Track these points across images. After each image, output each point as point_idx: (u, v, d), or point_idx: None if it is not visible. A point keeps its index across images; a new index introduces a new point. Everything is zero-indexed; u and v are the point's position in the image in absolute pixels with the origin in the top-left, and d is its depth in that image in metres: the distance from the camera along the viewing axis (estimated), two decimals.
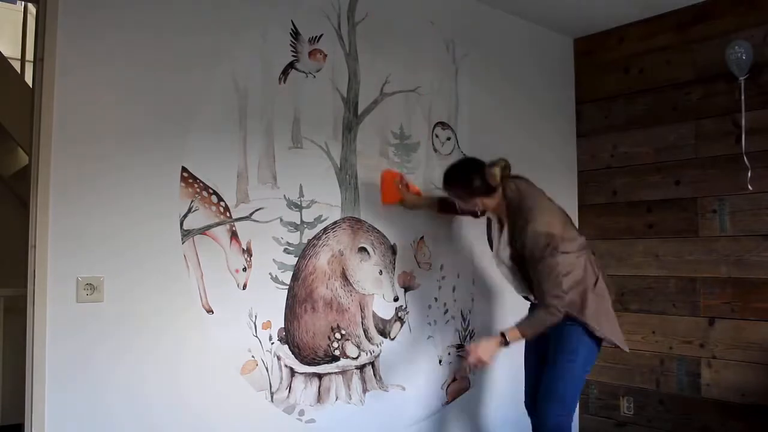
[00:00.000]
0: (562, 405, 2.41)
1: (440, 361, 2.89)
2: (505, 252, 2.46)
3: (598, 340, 2.43)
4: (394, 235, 2.73)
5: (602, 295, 2.44)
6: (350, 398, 2.57)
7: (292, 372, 2.40)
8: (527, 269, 2.37)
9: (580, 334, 2.39)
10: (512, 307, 3.15)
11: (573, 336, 2.39)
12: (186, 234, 2.15)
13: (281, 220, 2.39)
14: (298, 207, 2.44)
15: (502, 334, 2.31)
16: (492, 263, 3.08)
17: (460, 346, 2.95)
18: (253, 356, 2.30)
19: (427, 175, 2.87)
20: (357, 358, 2.59)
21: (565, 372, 2.41)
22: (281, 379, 2.37)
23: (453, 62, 3.01)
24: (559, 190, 3.48)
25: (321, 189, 2.51)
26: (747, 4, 2.98)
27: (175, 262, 2.13)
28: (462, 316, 2.97)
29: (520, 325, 2.35)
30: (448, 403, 2.91)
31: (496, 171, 2.35)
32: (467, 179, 2.40)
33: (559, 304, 2.28)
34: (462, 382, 2.96)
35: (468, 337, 2.99)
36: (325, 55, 2.54)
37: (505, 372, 3.10)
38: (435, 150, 2.92)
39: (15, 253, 2.36)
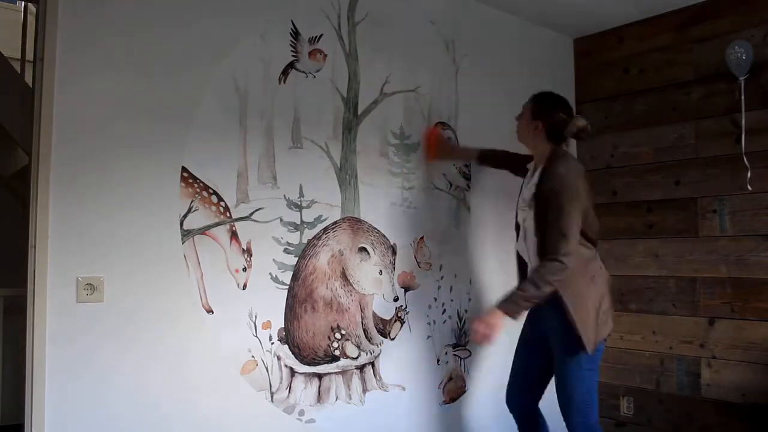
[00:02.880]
0: (578, 410, 2.33)
1: (438, 361, 2.89)
2: (530, 191, 2.38)
3: None
4: (394, 235, 2.73)
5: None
6: (350, 398, 2.57)
7: (292, 372, 2.40)
8: (541, 218, 2.29)
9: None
10: None
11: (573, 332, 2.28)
12: (186, 234, 2.15)
13: (281, 220, 2.39)
14: (298, 207, 2.44)
15: (503, 307, 2.24)
16: (491, 264, 3.10)
17: (456, 346, 2.96)
18: (253, 356, 2.30)
19: (426, 175, 2.87)
20: (357, 358, 2.59)
21: (573, 375, 2.32)
22: (281, 379, 2.37)
23: (453, 62, 3.01)
24: None
25: (321, 189, 2.51)
26: (747, 4, 2.98)
27: (175, 262, 2.13)
28: (458, 316, 2.97)
29: (524, 286, 2.25)
30: (445, 402, 2.91)
31: (577, 124, 2.37)
32: (552, 106, 2.41)
33: (567, 260, 2.17)
34: (458, 382, 2.96)
35: (463, 337, 2.99)
36: (325, 55, 2.54)
37: (503, 373, 3.10)
38: None
39: (15, 253, 2.36)
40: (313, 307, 2.46)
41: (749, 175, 2.92)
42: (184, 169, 2.16)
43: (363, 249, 2.62)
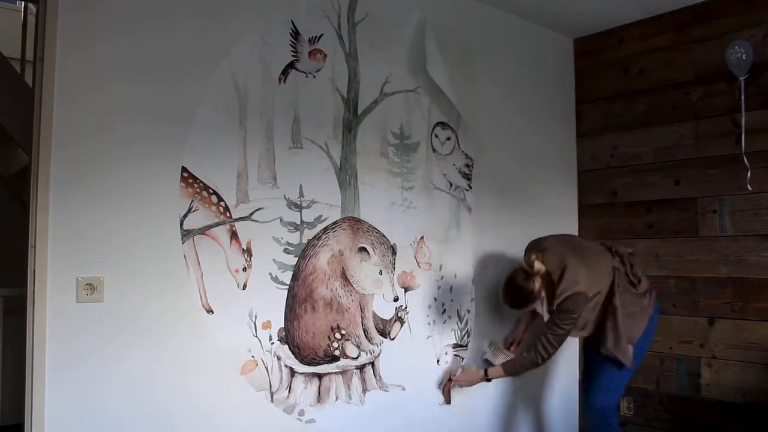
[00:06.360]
0: None
1: (438, 361, 2.89)
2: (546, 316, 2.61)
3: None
4: (394, 235, 2.73)
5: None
6: (350, 398, 2.57)
7: (292, 372, 2.40)
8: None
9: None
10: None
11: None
12: (186, 234, 2.15)
13: (281, 220, 2.39)
14: (298, 207, 2.44)
15: (486, 371, 2.68)
16: (491, 264, 3.10)
17: (456, 346, 2.95)
18: (253, 356, 2.30)
19: (426, 175, 2.87)
20: (357, 358, 2.59)
21: None
22: (281, 379, 2.37)
23: (453, 63, 3.01)
24: (559, 190, 3.50)
25: (321, 189, 2.51)
26: (747, 4, 2.98)
27: (175, 263, 2.13)
28: (458, 316, 2.97)
29: (505, 365, 2.65)
30: (446, 402, 2.91)
31: (535, 266, 2.50)
32: (526, 298, 2.54)
33: (547, 356, 2.54)
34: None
35: (464, 337, 2.99)
36: (325, 55, 2.54)
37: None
38: (434, 150, 2.91)
39: (15, 253, 2.36)
40: (313, 307, 2.46)
41: (749, 175, 2.91)
42: (184, 169, 2.16)
43: (363, 249, 2.62)
